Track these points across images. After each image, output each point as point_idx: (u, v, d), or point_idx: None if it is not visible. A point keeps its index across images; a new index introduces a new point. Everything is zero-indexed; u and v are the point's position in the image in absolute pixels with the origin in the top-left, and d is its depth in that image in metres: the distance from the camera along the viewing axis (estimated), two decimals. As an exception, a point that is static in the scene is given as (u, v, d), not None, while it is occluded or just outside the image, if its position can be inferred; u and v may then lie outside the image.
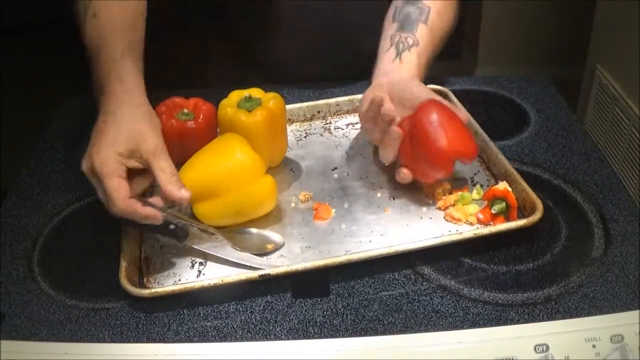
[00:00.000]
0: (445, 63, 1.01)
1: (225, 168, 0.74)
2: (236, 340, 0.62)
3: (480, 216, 0.75)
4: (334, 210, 0.78)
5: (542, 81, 1.08)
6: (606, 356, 0.58)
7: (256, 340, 0.62)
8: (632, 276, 0.67)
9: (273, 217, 0.77)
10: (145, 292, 0.66)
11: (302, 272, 0.67)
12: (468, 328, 0.62)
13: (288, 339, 0.62)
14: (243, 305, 0.66)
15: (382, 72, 0.88)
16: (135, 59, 0.75)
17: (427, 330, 0.62)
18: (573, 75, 1.98)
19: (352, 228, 0.75)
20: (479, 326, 0.62)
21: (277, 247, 0.73)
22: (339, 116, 0.97)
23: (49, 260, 0.73)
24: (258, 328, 0.63)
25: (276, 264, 0.70)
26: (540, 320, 0.62)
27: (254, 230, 0.75)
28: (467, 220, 0.75)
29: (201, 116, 0.83)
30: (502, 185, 0.74)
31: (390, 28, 0.91)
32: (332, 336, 0.62)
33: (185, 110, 0.84)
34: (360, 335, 0.62)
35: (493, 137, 0.86)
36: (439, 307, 0.65)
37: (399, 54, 0.87)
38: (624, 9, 1.59)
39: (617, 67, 1.68)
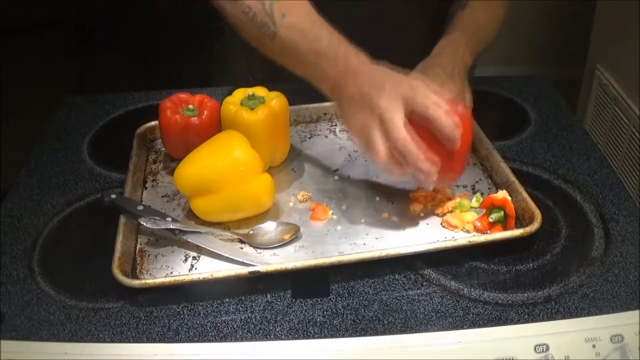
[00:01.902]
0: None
1: (223, 164, 0.74)
2: (236, 340, 0.62)
3: (478, 224, 0.74)
4: (331, 211, 0.78)
5: (542, 81, 1.08)
6: (606, 356, 0.58)
7: (256, 340, 0.62)
8: (632, 276, 0.67)
9: (270, 215, 0.78)
10: (135, 282, 0.66)
11: (299, 272, 0.67)
12: (468, 328, 0.62)
13: (288, 339, 0.62)
14: (243, 305, 0.66)
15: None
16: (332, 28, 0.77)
17: (427, 330, 0.62)
18: (573, 75, 1.97)
19: (348, 230, 0.75)
20: (479, 326, 0.62)
21: (295, 236, 0.73)
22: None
23: (49, 260, 0.73)
24: (258, 328, 0.63)
25: (269, 262, 0.70)
26: (540, 320, 0.62)
27: (269, 224, 0.75)
28: (463, 228, 0.74)
29: (205, 112, 0.84)
30: (501, 194, 0.74)
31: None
32: (332, 336, 0.62)
33: (191, 106, 0.85)
34: (360, 335, 0.62)
35: (493, 137, 0.86)
36: (439, 307, 0.65)
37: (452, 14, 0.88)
38: (624, 9, 1.59)
39: (617, 67, 1.68)
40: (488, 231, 0.74)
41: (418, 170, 0.70)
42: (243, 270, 0.67)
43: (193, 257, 0.72)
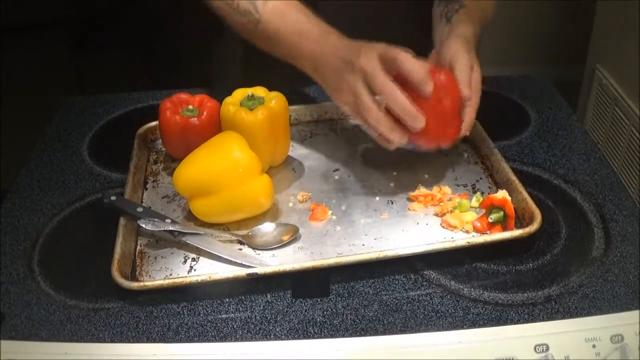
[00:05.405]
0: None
1: (222, 166, 0.74)
2: (236, 340, 0.62)
3: (477, 224, 0.74)
4: (330, 212, 0.78)
5: (542, 81, 1.08)
6: (606, 356, 0.58)
7: (256, 340, 0.62)
8: (632, 276, 0.67)
9: (269, 216, 0.78)
10: (134, 285, 0.66)
11: (298, 272, 0.67)
12: (468, 328, 0.62)
13: (288, 339, 0.62)
14: (243, 305, 0.66)
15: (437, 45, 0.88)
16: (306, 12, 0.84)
17: (427, 330, 0.62)
18: (573, 75, 1.98)
19: (347, 231, 0.75)
20: (479, 326, 0.62)
21: (294, 237, 0.73)
22: (346, 117, 0.97)
23: (49, 260, 0.73)
24: (258, 328, 0.63)
25: (268, 263, 0.70)
26: (540, 320, 0.62)
27: (267, 226, 0.75)
28: (463, 228, 0.74)
29: (205, 113, 0.84)
30: (501, 194, 0.73)
31: (438, 11, 0.93)
32: (332, 336, 0.62)
33: (190, 107, 0.85)
34: (360, 335, 0.62)
35: (493, 137, 0.86)
36: (439, 307, 0.65)
37: (448, 20, 0.89)
38: (624, 9, 1.59)
39: (617, 67, 1.68)
40: (487, 232, 0.74)
41: (406, 114, 0.72)
42: (241, 272, 0.67)
43: (192, 258, 0.72)
